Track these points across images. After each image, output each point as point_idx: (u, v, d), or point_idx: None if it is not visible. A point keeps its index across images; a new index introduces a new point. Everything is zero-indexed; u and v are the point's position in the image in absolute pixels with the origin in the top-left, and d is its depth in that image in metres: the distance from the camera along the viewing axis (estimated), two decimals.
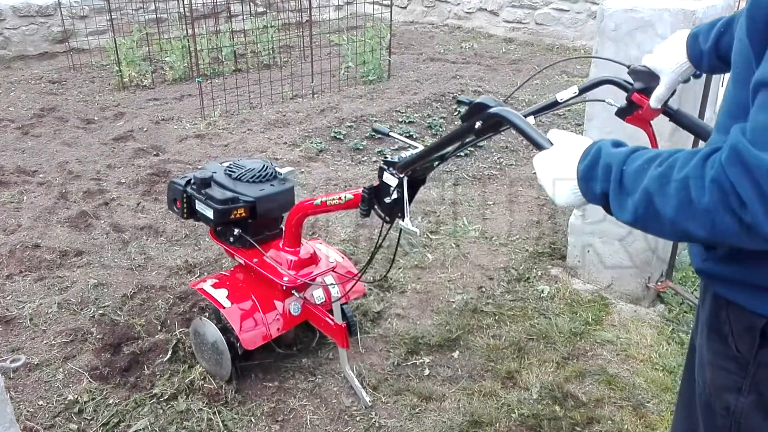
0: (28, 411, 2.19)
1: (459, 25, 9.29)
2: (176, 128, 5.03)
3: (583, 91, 1.51)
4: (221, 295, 2.22)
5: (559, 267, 3.11)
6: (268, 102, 5.64)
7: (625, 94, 1.53)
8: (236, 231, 2.22)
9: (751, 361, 1.06)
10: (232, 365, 2.22)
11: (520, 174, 4.27)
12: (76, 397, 2.25)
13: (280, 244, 2.26)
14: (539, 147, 1.20)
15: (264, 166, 2.29)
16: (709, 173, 0.87)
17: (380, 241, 1.88)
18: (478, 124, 1.37)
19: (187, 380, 2.29)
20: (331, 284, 2.29)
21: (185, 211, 2.25)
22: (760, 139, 0.83)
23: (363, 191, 1.77)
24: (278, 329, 2.21)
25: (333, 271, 2.27)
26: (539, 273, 3.07)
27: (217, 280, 2.33)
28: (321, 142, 4.68)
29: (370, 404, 2.22)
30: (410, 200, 1.66)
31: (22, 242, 3.28)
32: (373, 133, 4.80)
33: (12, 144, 4.68)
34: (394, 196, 1.63)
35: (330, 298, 2.28)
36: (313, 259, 2.27)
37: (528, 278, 3.03)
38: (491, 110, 1.33)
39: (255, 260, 2.24)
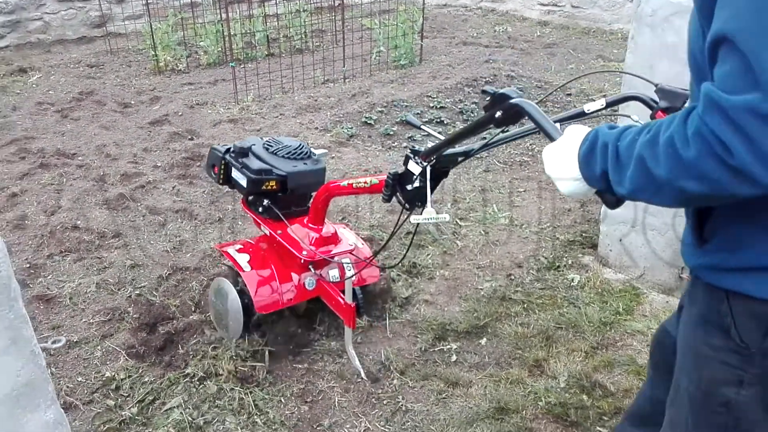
0: (67, 387, 2.28)
1: (493, 8, 9.16)
2: (210, 113, 5.10)
3: (610, 105, 1.52)
4: (243, 259, 2.35)
5: (590, 256, 3.08)
6: (300, 87, 5.67)
7: (650, 112, 1.52)
8: (266, 202, 2.33)
9: (757, 351, 1.07)
10: (244, 327, 2.33)
11: None
12: (113, 374, 2.33)
13: (305, 221, 2.35)
14: (551, 138, 1.25)
15: (300, 145, 2.40)
16: (690, 127, 0.91)
17: (397, 228, 1.92)
18: (498, 114, 1.41)
19: (219, 361, 2.35)
20: (347, 264, 2.34)
21: (221, 177, 2.37)
22: (729, 85, 0.87)
23: (387, 176, 1.80)
24: (290, 299, 2.32)
25: (351, 253, 2.34)
26: (569, 261, 3.05)
27: (241, 246, 2.45)
28: (352, 128, 4.69)
29: (367, 380, 2.31)
30: (432, 191, 1.68)
31: (62, 223, 3.38)
32: (404, 118, 4.80)
33: (52, 127, 4.81)
34: (416, 184, 1.65)
35: (342, 277, 2.36)
36: (334, 239, 2.35)
37: (558, 267, 3.01)
38: (512, 101, 1.36)
39: (279, 232, 2.33)
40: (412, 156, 1.79)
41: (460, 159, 1.78)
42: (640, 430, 1.61)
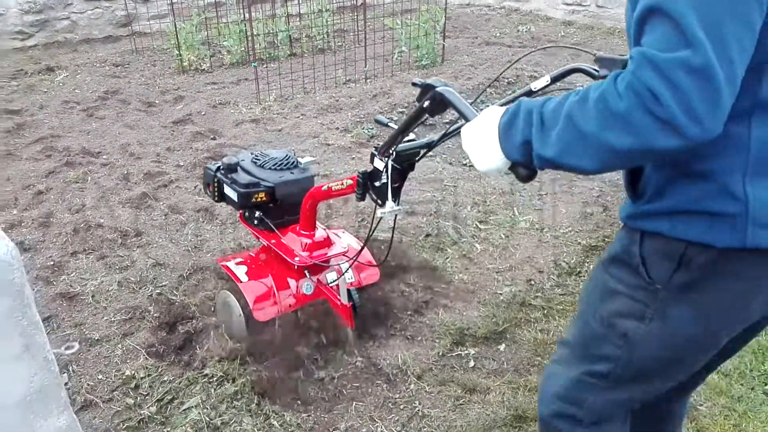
0: (88, 384, 2.31)
1: (516, 7, 9.09)
2: (232, 112, 5.14)
3: (555, 79, 1.56)
4: (241, 271, 2.42)
5: None
6: (322, 87, 5.68)
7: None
8: (257, 214, 2.40)
9: (662, 287, 1.17)
10: (247, 331, 2.40)
11: None
12: (132, 372, 2.36)
13: (297, 228, 2.40)
14: (467, 119, 1.32)
15: (286, 155, 2.46)
16: (622, 84, 0.96)
17: (375, 225, 1.92)
18: (426, 104, 1.49)
19: (237, 364, 2.36)
20: (343, 266, 2.37)
21: (216, 194, 2.44)
22: (661, 44, 0.93)
23: (358, 176, 1.82)
24: (290, 305, 2.37)
25: (344, 255, 2.38)
26: (591, 267, 3.01)
27: (241, 259, 2.53)
28: (372, 128, 4.69)
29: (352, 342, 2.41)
30: (399, 186, 1.71)
31: (86, 221, 3.43)
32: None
33: (78, 125, 4.89)
34: (383, 180, 1.66)
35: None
36: (327, 243, 2.39)
37: (579, 272, 2.97)
38: (436, 89, 1.44)
39: (273, 241, 2.40)
40: (375, 153, 1.83)
41: (422, 151, 1.81)
42: None
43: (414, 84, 1.57)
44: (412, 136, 1.76)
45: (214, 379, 2.32)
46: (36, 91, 5.65)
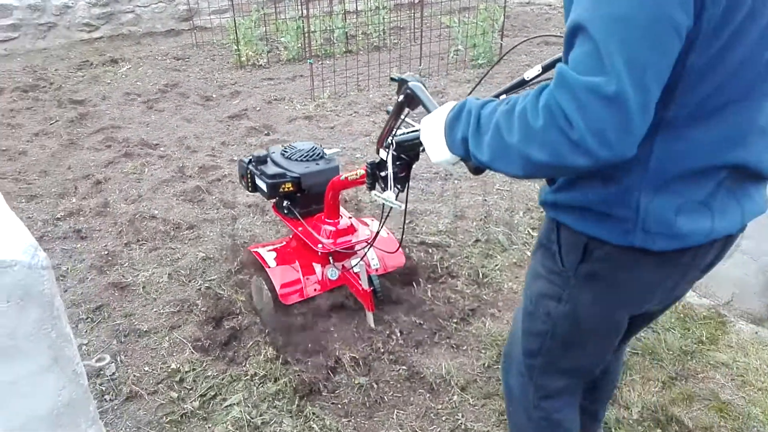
0: (134, 376, 2.34)
1: None
2: (287, 108, 5.17)
3: (546, 68, 1.55)
4: (270, 257, 2.55)
5: None
6: (375, 84, 5.65)
7: None
8: (285, 203, 2.52)
9: (572, 275, 1.29)
10: (275, 312, 2.47)
11: None
12: (178, 366, 2.38)
13: (322, 217, 2.50)
14: (428, 111, 1.42)
15: (312, 147, 2.57)
16: (542, 101, 1.00)
17: (387, 213, 1.98)
18: (401, 98, 1.60)
19: (279, 364, 2.35)
20: (360, 252, 2.46)
21: (249, 185, 2.55)
22: (579, 67, 0.95)
23: (366, 167, 1.89)
24: (315, 290, 2.48)
25: (366, 242, 2.45)
26: None
27: (271, 246, 2.65)
28: None
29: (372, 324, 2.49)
30: (405, 176, 1.77)
31: (141, 212, 3.50)
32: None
33: (138, 117, 5.01)
34: (388, 170, 1.71)
35: (369, 266, 2.55)
36: (350, 231, 2.49)
37: None
38: (408, 84, 1.57)
39: (300, 229, 2.50)
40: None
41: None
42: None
43: (392, 79, 1.68)
44: (417, 126, 1.76)
45: (257, 377, 2.31)
46: (100, 82, 5.82)
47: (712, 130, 1.09)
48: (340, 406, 2.22)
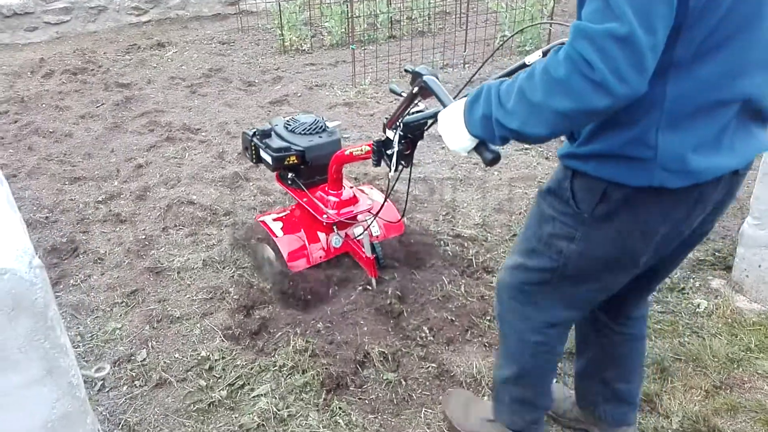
0: (164, 362, 2.35)
1: None
2: (328, 95, 5.13)
3: (545, 53, 1.60)
4: (277, 227, 2.68)
5: (722, 279, 2.74)
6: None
7: None
8: (290, 175, 2.61)
9: (588, 216, 1.40)
10: (281, 281, 2.59)
11: None
12: (208, 354, 2.38)
13: (326, 188, 2.59)
14: (444, 105, 1.51)
15: (315, 120, 2.65)
16: (562, 54, 1.12)
17: (392, 186, 2.14)
18: (416, 89, 1.71)
19: (308, 356, 2.33)
20: (363, 222, 2.61)
21: (253, 157, 2.65)
22: (593, 18, 1.09)
23: (373, 144, 1.92)
24: (320, 257, 2.63)
25: (369, 212, 2.57)
26: (697, 284, 2.73)
27: (277, 215, 2.78)
28: None
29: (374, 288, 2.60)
30: (410, 153, 1.84)
31: (179, 197, 3.53)
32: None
33: (181, 102, 5.05)
34: (395, 149, 1.79)
35: (371, 234, 2.66)
36: (353, 201, 2.59)
37: (683, 288, 2.70)
38: (423, 77, 1.67)
39: (305, 200, 2.61)
40: (385, 124, 1.96)
41: (429, 122, 1.90)
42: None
43: (406, 71, 1.77)
44: (421, 106, 1.86)
45: (285, 368, 2.30)
46: (146, 66, 5.90)
47: (717, 66, 1.19)
48: (367, 401, 2.18)
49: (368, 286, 2.63)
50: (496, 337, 2.44)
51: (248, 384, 2.26)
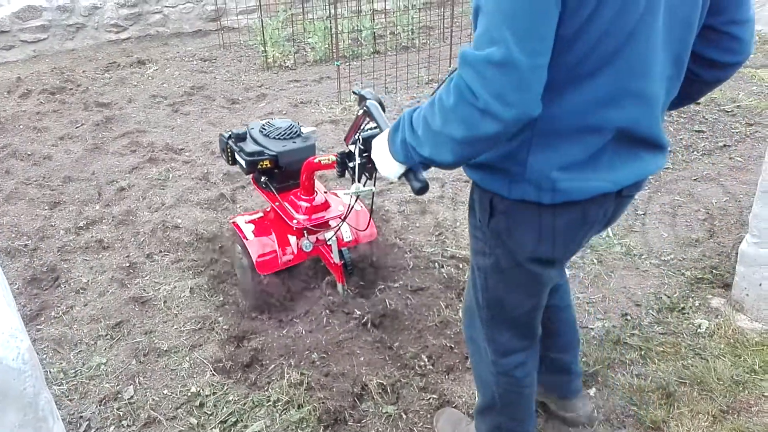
0: (153, 399, 2.25)
1: None
2: (313, 112, 5.06)
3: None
4: (248, 229, 2.68)
5: (722, 298, 2.70)
6: (404, 86, 5.51)
7: None
8: (263, 179, 2.62)
9: (486, 229, 1.46)
10: (252, 282, 2.63)
11: (678, 179, 3.80)
12: (198, 389, 2.28)
13: (299, 193, 2.60)
14: (380, 129, 1.65)
15: (290, 125, 2.66)
16: (451, 83, 1.16)
17: (354, 201, 2.23)
18: (360, 112, 1.78)
19: (303, 390, 2.24)
20: (343, 228, 2.64)
21: (229, 159, 2.66)
22: (477, 44, 1.12)
23: (337, 156, 1.95)
24: (289, 261, 2.63)
25: (339, 218, 2.57)
26: (696, 303, 2.69)
27: (250, 218, 2.78)
28: None
29: (343, 295, 2.67)
30: (373, 166, 1.77)
31: (164, 221, 3.42)
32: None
33: (163, 121, 4.95)
34: (357, 161, 1.81)
35: (340, 240, 2.66)
36: (324, 207, 2.60)
37: (683, 308, 2.66)
38: (367, 101, 1.75)
39: (277, 204, 2.62)
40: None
41: None
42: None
43: (353, 92, 1.87)
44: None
45: (279, 403, 2.20)
46: (126, 84, 5.79)
47: (585, 93, 1.23)
48: None
49: (341, 296, 2.67)
50: None
51: (241, 421, 2.17)
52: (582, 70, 1.20)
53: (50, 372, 2.40)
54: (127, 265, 3.05)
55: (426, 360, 2.36)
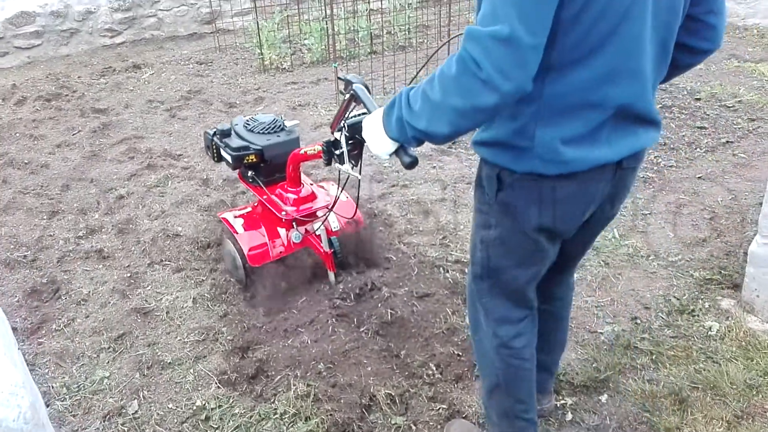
0: (158, 414, 2.21)
1: None
2: (311, 114, 5.01)
3: None
4: (238, 223, 2.76)
5: (731, 299, 2.67)
6: (402, 86, 5.45)
7: None
8: (250, 173, 2.69)
9: (494, 202, 1.54)
10: (245, 274, 2.76)
11: (682, 178, 3.77)
12: (203, 402, 2.25)
13: (285, 186, 2.67)
14: (369, 112, 1.69)
15: (274, 119, 2.71)
16: (455, 57, 1.24)
17: (344, 184, 2.25)
18: (347, 96, 1.84)
19: (310, 402, 2.20)
20: (330, 218, 2.71)
21: (214, 156, 2.72)
22: (483, 22, 1.20)
23: (323, 145, 1.99)
24: (280, 252, 2.70)
25: (326, 208, 2.63)
26: (706, 305, 2.66)
27: (238, 212, 2.85)
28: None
29: (333, 282, 2.72)
30: (358, 152, 1.89)
31: (165, 229, 3.38)
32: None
33: (160, 126, 4.90)
34: (342, 149, 1.86)
35: (329, 229, 2.75)
36: (311, 198, 2.68)
37: (692, 311, 2.63)
38: (352, 85, 1.83)
39: (264, 197, 2.68)
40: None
41: None
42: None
43: (339, 78, 1.94)
44: (364, 109, 1.90)
45: (287, 416, 2.17)
46: (122, 90, 5.73)
47: (586, 72, 1.31)
48: None
49: (332, 283, 2.72)
50: None
51: None
52: (583, 50, 1.29)
53: (53, 387, 2.36)
54: (128, 275, 3.01)
55: (434, 369, 2.33)
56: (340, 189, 2.28)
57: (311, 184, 2.74)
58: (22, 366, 0.94)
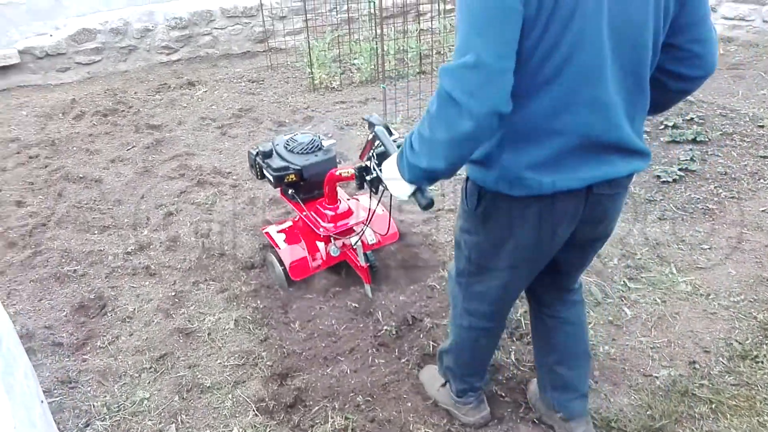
0: None
1: None
2: (359, 134, 5.00)
3: None
4: (280, 238, 2.94)
5: None
6: None
7: None
8: (290, 191, 2.85)
9: (474, 213, 1.66)
10: (288, 284, 2.93)
11: (744, 210, 3.58)
12: (241, 430, 2.22)
13: (324, 202, 2.82)
14: (389, 154, 1.77)
15: (312, 140, 2.87)
16: (435, 94, 1.35)
17: (376, 205, 2.29)
18: (371, 136, 1.94)
19: None
20: (358, 232, 2.81)
21: (258, 174, 2.89)
22: (455, 56, 1.31)
23: (355, 170, 2.07)
24: (319, 266, 2.89)
25: (362, 224, 2.76)
26: None
27: (281, 227, 3.03)
28: None
29: (369, 295, 2.84)
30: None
31: (211, 248, 3.40)
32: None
33: (211, 144, 4.97)
34: (373, 175, 1.92)
35: (365, 244, 2.89)
36: (348, 214, 2.83)
37: (756, 356, 2.46)
38: (375, 127, 1.91)
39: (304, 213, 2.85)
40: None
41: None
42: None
43: (363, 119, 2.04)
44: (396, 135, 1.98)
45: None
46: (176, 106, 5.86)
47: (545, 100, 1.39)
48: None
49: (368, 296, 2.84)
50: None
51: None
52: (540, 78, 1.37)
53: (94, 406, 2.38)
54: (173, 293, 3.03)
55: None
56: (376, 203, 2.30)
57: (348, 200, 2.89)
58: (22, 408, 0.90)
